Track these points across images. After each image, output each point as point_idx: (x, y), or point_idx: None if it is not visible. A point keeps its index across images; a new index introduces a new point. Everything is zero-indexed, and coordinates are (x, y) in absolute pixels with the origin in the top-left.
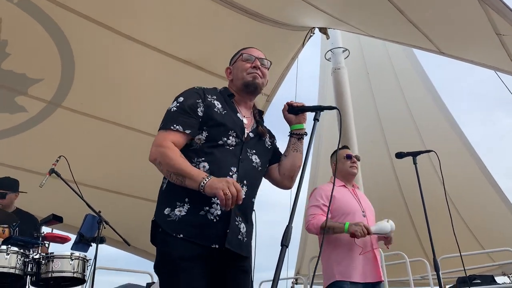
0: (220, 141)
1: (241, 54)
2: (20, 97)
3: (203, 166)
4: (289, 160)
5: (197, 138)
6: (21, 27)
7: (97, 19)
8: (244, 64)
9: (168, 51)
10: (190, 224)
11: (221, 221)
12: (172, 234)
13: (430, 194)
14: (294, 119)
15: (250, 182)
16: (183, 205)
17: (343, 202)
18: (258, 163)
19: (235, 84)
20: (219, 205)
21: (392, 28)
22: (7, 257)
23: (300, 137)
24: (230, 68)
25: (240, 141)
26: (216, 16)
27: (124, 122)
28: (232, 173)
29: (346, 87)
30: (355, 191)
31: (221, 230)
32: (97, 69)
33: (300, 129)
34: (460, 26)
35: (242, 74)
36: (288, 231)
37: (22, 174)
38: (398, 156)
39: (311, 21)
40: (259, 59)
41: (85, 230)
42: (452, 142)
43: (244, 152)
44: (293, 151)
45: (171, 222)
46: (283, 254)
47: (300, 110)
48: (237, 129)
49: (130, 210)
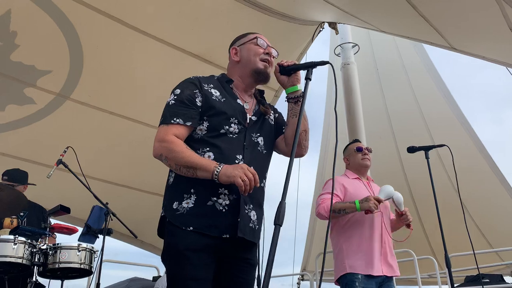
0: (222, 129)
1: (256, 38)
2: (28, 88)
3: (208, 156)
4: (290, 128)
5: (198, 129)
6: (31, 18)
7: (106, 11)
8: (258, 49)
9: (176, 44)
10: (199, 215)
11: (230, 210)
12: (181, 227)
13: (437, 191)
14: (287, 80)
15: (257, 168)
16: (190, 197)
17: (356, 195)
18: (263, 146)
19: (242, 67)
20: (227, 195)
21: (403, 22)
22: (15, 247)
23: (297, 100)
24: (236, 49)
25: (243, 127)
26: (226, 10)
27: (131, 115)
28: (238, 161)
29: (355, 83)
30: (369, 184)
31: (231, 220)
32: (105, 61)
33: (294, 92)
34: (473, 20)
35: (254, 59)
36: (281, 208)
37: (30, 166)
38: (410, 150)
39: (321, 15)
40: (271, 47)
41: (92, 222)
42: (462, 139)
43: (249, 138)
44: (292, 117)
45: (180, 215)
46: (277, 233)
47: (292, 69)
48: (238, 116)
49: (136, 204)
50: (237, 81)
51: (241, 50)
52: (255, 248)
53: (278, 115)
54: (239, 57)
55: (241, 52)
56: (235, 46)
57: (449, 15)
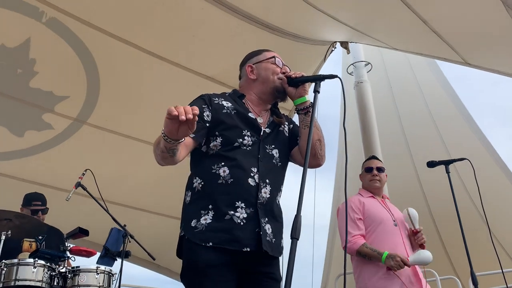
0: (236, 143)
1: (274, 57)
2: (47, 114)
3: (223, 171)
4: (303, 138)
5: (212, 145)
6: (49, 45)
7: (122, 36)
8: (275, 68)
9: (190, 67)
10: (218, 230)
11: (249, 223)
12: (201, 244)
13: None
14: (295, 92)
15: (272, 180)
16: (207, 213)
17: (372, 212)
18: (278, 158)
19: (259, 85)
20: (244, 208)
21: (416, 39)
22: (34, 270)
23: (306, 111)
24: (252, 67)
25: (257, 139)
26: (238, 31)
27: (148, 139)
28: (254, 173)
29: (369, 101)
30: (384, 202)
31: (251, 232)
32: (121, 86)
33: (303, 103)
34: (486, 35)
35: (273, 77)
36: (297, 222)
37: (48, 190)
38: (430, 165)
39: (333, 35)
40: (286, 66)
41: (111, 244)
42: (480, 154)
43: (263, 150)
44: (304, 128)
45: (199, 232)
46: (294, 247)
47: (300, 81)
48: (250, 128)
49: (153, 227)
50: (252, 97)
51: (258, 68)
52: (277, 262)
53: (293, 126)
54: (255, 75)
55: (257, 70)
56: (251, 64)
57: (462, 30)
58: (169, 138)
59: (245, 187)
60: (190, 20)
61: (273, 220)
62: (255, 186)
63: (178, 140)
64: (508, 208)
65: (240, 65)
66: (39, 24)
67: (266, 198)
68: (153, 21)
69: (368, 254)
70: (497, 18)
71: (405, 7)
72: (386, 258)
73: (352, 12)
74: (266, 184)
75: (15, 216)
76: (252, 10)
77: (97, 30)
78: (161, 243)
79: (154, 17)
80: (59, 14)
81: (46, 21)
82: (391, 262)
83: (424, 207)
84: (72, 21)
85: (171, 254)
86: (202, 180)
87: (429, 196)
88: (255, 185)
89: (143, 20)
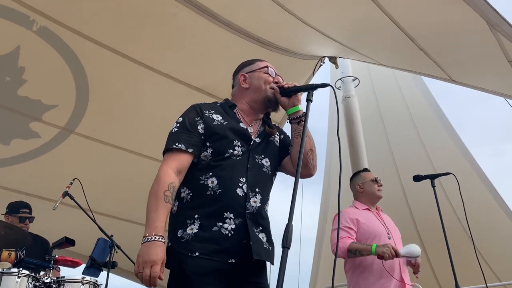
0: (227, 153)
1: (267, 67)
2: (34, 123)
3: (211, 181)
4: (295, 148)
5: (203, 155)
6: (39, 54)
7: (112, 46)
8: (268, 77)
9: (181, 78)
10: (204, 241)
11: (237, 234)
12: (187, 254)
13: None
14: (288, 102)
15: (261, 188)
16: (193, 222)
17: (368, 225)
18: (269, 167)
19: (251, 94)
20: (233, 219)
21: (403, 56)
22: (18, 280)
23: (299, 120)
24: (245, 76)
25: (247, 149)
26: (229, 44)
27: (136, 149)
28: (242, 183)
29: (356, 115)
30: (379, 214)
31: (238, 244)
32: (110, 95)
33: (296, 112)
34: (472, 53)
35: (265, 87)
36: (289, 231)
37: (34, 200)
38: (416, 179)
39: (322, 50)
40: (278, 75)
41: (97, 255)
42: (464, 169)
43: (252, 160)
44: (296, 137)
45: (185, 242)
46: (285, 256)
47: (292, 91)
48: (241, 138)
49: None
50: (243, 106)
51: (251, 77)
52: (265, 272)
53: (283, 136)
54: (248, 84)
55: (250, 79)
56: (244, 73)
57: (448, 48)
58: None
59: (233, 197)
60: (181, 32)
61: (264, 230)
62: (243, 196)
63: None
64: (490, 222)
65: (233, 74)
66: (29, 32)
67: (256, 207)
68: (144, 32)
69: (359, 248)
70: (482, 37)
71: (393, 24)
72: (376, 247)
73: (341, 28)
74: (256, 193)
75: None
76: (243, 24)
77: (88, 40)
78: None
79: (145, 29)
80: (50, 23)
81: (36, 30)
82: (382, 248)
83: (409, 219)
84: (63, 30)
85: None
86: (190, 191)
87: (414, 209)
88: (243, 195)
89: (134, 31)
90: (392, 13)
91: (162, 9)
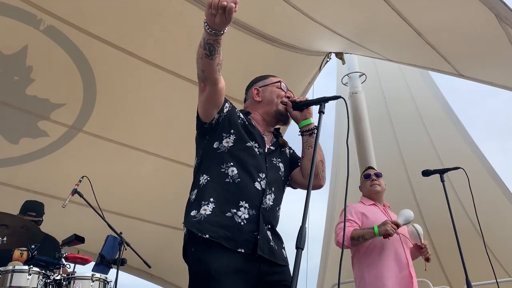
0: (249, 143)
1: (279, 82)
2: (42, 121)
3: (231, 170)
4: (306, 158)
5: (225, 141)
6: (46, 53)
7: (119, 45)
8: (280, 91)
9: (187, 76)
10: (216, 224)
11: (249, 224)
12: (197, 234)
13: (449, 217)
14: (300, 115)
15: (276, 189)
16: (207, 204)
17: (374, 221)
18: (283, 172)
19: (264, 106)
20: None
21: (410, 51)
22: (29, 278)
23: (311, 132)
24: (258, 89)
25: (263, 152)
26: (235, 42)
27: (144, 147)
28: (261, 179)
29: (363, 111)
30: (386, 210)
31: (249, 235)
32: (117, 93)
33: (308, 125)
34: (480, 47)
35: (277, 100)
36: (302, 232)
37: (43, 198)
38: (425, 174)
39: (328, 45)
40: (289, 91)
41: (106, 251)
42: (473, 165)
43: (269, 161)
44: (307, 148)
45: (197, 222)
46: (299, 257)
47: (305, 105)
48: (258, 140)
49: (148, 237)
50: (256, 117)
51: (264, 91)
52: (287, 269)
53: (292, 151)
54: (261, 97)
55: (263, 93)
56: (257, 87)
57: (456, 42)
58: (210, 28)
59: (251, 189)
60: (187, 30)
61: (272, 228)
62: (260, 191)
63: (217, 30)
64: (500, 218)
65: (246, 88)
66: (36, 31)
67: (269, 204)
68: (150, 30)
69: (361, 234)
70: (490, 30)
71: (400, 19)
72: (378, 228)
73: (348, 24)
74: (271, 192)
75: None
76: (249, 20)
77: (95, 39)
78: (155, 252)
79: (152, 27)
80: (57, 22)
81: (43, 29)
82: (384, 227)
83: (417, 215)
84: (70, 29)
85: (165, 263)
86: (208, 176)
87: (422, 205)
88: (261, 189)
89: (140, 29)
90: (399, 8)
91: (168, 7)
